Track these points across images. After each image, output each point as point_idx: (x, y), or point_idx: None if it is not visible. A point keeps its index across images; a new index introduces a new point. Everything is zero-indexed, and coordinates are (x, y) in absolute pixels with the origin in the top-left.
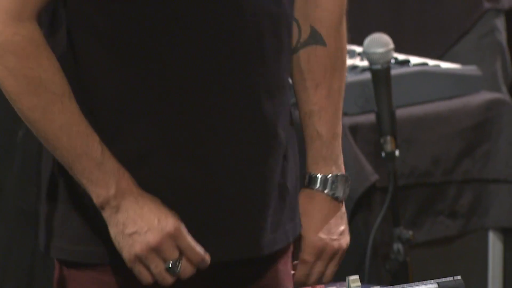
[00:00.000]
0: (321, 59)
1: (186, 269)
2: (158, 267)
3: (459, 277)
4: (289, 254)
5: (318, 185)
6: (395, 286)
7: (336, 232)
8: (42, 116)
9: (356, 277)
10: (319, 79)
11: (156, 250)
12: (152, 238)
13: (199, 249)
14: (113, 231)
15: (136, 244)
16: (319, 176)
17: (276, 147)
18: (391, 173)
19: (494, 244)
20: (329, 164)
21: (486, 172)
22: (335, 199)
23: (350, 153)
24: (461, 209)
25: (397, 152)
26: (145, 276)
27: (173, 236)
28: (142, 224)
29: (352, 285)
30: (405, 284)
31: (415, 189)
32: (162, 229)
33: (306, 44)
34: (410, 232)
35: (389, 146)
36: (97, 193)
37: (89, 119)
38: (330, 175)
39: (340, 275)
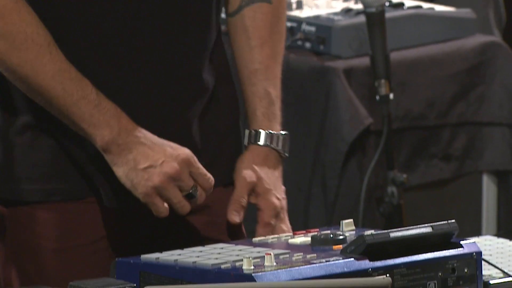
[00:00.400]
0: (267, 16)
1: (201, 195)
2: (177, 195)
3: (453, 220)
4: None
5: (273, 142)
6: (389, 230)
7: (282, 191)
8: (33, 70)
9: (350, 221)
10: (264, 38)
11: (174, 179)
12: (169, 167)
13: (209, 175)
14: (122, 170)
15: (154, 176)
16: (273, 132)
17: (200, 91)
18: (385, 116)
19: (488, 187)
20: (278, 122)
21: (480, 115)
22: (282, 157)
23: (344, 96)
24: (455, 152)
25: (391, 95)
26: (161, 209)
27: (188, 163)
28: (155, 157)
29: (346, 229)
30: (399, 228)
31: (409, 132)
32: (177, 157)
33: (252, 1)
34: (404, 175)
35: (383, 90)
36: (101, 135)
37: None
38: (279, 132)
39: (334, 219)
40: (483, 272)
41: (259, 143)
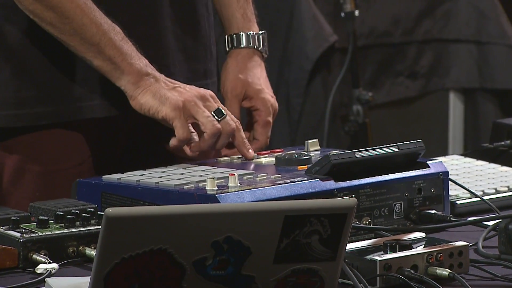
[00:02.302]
0: None
1: (229, 121)
2: (205, 112)
3: (419, 140)
4: None
5: (254, 43)
6: (354, 150)
7: (271, 90)
8: (80, 15)
9: (315, 141)
10: None
11: (202, 98)
12: (198, 90)
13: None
14: (148, 94)
15: (184, 93)
16: (253, 33)
17: None
18: (351, 33)
19: (455, 105)
20: (255, 22)
21: (447, 32)
22: (263, 57)
23: (308, 13)
24: (421, 70)
25: (356, 12)
26: (184, 128)
27: (214, 97)
28: (183, 84)
29: (311, 148)
30: (364, 148)
31: (374, 50)
32: (203, 90)
33: None
34: (370, 93)
35: (348, 6)
36: (139, 64)
37: None
38: (259, 32)
39: (298, 139)
40: (450, 192)
41: (241, 46)
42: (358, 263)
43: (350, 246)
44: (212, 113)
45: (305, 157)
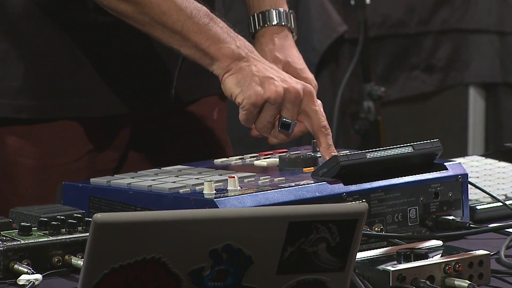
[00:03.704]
0: None
1: (297, 133)
2: (272, 118)
3: (436, 140)
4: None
5: (286, 20)
6: (365, 150)
7: None
8: (157, 2)
9: None
10: None
11: (288, 99)
12: (291, 85)
13: (325, 120)
14: (235, 77)
15: (271, 86)
16: (283, 10)
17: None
18: (361, 23)
19: (475, 102)
20: (285, 0)
21: (466, 22)
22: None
23: (315, 1)
24: (438, 63)
25: (367, 0)
26: (251, 117)
27: (310, 95)
28: (279, 73)
29: (318, 149)
30: (376, 148)
31: (387, 41)
32: (301, 84)
33: None
34: (382, 89)
35: None
36: (229, 46)
37: None
38: (288, 10)
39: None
40: (470, 197)
41: (273, 23)
42: (369, 274)
43: (360, 255)
44: (279, 126)
45: (312, 158)
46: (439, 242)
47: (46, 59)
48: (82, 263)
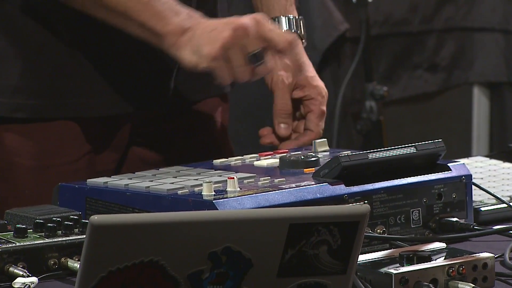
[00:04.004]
0: None
1: (271, 59)
2: (240, 58)
3: (440, 140)
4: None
5: (294, 27)
6: (367, 150)
7: None
8: None
9: (324, 140)
10: None
11: (242, 35)
12: (237, 22)
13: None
14: (188, 48)
15: (222, 33)
16: (293, 17)
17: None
18: (363, 21)
19: (479, 101)
20: (294, 5)
21: (471, 20)
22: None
23: None
24: (442, 62)
25: None
26: (225, 71)
27: (259, 22)
28: (222, 20)
29: (319, 149)
30: (378, 148)
31: (390, 40)
32: (247, 16)
33: None
34: (384, 88)
35: None
36: (174, 22)
37: None
38: (297, 17)
39: None
40: (474, 198)
41: (283, 29)
42: (372, 277)
43: (362, 257)
44: (248, 56)
45: (313, 159)
46: (442, 244)
47: (44, 58)
48: (78, 266)
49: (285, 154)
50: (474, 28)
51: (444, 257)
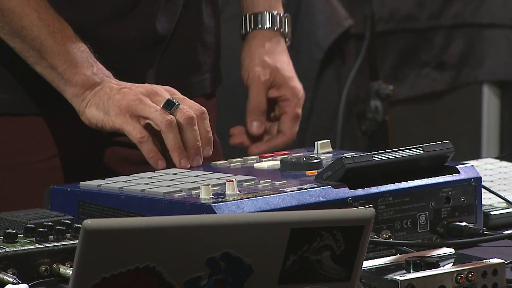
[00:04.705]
0: None
1: (183, 109)
2: (152, 107)
3: (448, 141)
4: None
5: (279, 25)
6: (372, 152)
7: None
8: (20, 15)
9: (327, 141)
10: None
11: (150, 93)
12: (146, 87)
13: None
14: (94, 106)
15: (128, 93)
16: (277, 13)
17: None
18: (368, 17)
19: (490, 100)
20: (281, 2)
21: (480, 16)
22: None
23: None
24: (450, 60)
25: None
26: (137, 130)
27: (169, 90)
28: (130, 84)
29: (322, 150)
30: (384, 149)
31: (396, 36)
32: (156, 85)
33: None
34: (390, 87)
35: None
36: (85, 73)
37: None
38: (282, 14)
39: (307, 140)
40: (483, 202)
41: (265, 27)
42: (377, 284)
43: (367, 263)
44: (162, 106)
45: (315, 161)
46: (450, 250)
47: (12, 51)
48: (71, 272)
49: (286, 156)
50: (484, 24)
51: (452, 263)
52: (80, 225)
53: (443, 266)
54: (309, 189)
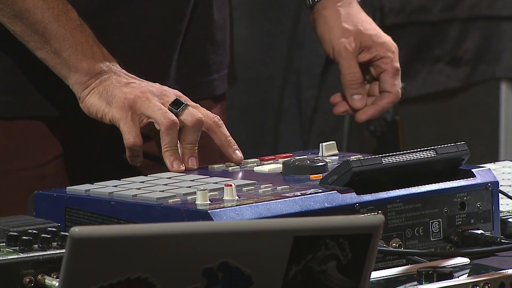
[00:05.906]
0: None
1: (192, 112)
2: (157, 105)
3: (463, 143)
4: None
5: None
6: (381, 154)
7: None
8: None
9: (333, 143)
10: None
11: (160, 94)
12: (154, 86)
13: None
14: (96, 94)
15: (137, 88)
16: None
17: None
18: (377, 9)
19: (508, 98)
20: None
21: (497, 8)
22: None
23: None
24: (465, 55)
25: None
26: (131, 133)
27: (177, 94)
28: (139, 80)
29: (327, 153)
30: (393, 152)
31: (407, 30)
32: (166, 87)
33: None
34: (401, 84)
35: None
36: (91, 59)
37: None
38: None
39: (312, 141)
40: (500, 208)
41: None
42: None
43: (375, 274)
44: (169, 105)
45: (320, 164)
46: (465, 260)
47: (3, 51)
48: (57, 284)
49: (289, 159)
50: (502, 16)
51: (467, 274)
52: (67, 233)
53: (458, 277)
54: (313, 194)
